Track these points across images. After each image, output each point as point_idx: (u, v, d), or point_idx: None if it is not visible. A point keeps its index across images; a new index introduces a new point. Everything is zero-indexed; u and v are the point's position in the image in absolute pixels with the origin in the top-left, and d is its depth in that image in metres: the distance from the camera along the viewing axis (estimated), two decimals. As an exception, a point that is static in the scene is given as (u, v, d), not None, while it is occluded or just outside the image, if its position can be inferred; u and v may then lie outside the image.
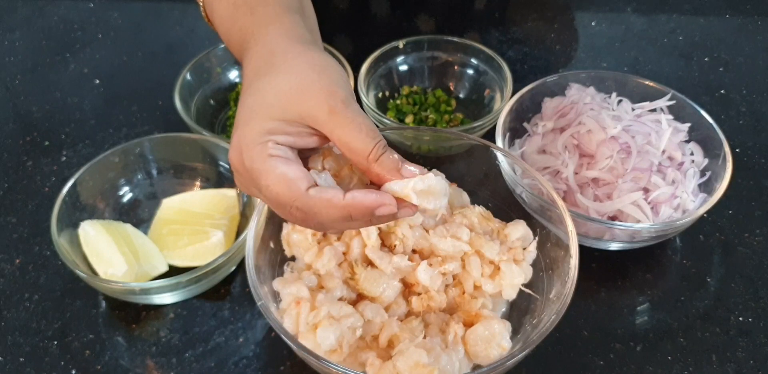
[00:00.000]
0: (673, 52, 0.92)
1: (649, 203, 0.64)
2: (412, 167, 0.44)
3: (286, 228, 0.56)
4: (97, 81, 0.89)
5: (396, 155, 0.44)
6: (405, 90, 0.85)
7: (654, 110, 0.73)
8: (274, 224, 0.57)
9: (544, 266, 0.57)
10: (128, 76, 0.90)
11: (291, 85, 0.44)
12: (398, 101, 0.84)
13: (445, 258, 0.53)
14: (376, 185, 0.46)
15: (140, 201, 0.72)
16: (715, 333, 0.63)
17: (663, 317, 0.64)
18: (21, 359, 0.62)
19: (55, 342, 0.63)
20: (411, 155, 0.70)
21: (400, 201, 0.44)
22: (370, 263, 0.54)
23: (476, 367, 0.51)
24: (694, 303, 0.65)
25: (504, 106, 0.72)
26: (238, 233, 0.68)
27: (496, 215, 0.58)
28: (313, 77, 0.44)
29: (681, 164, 0.69)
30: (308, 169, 0.45)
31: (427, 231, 0.54)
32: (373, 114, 0.76)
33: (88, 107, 0.86)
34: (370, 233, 0.53)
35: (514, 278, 0.53)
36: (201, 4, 0.58)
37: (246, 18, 0.51)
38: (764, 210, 0.73)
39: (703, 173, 0.69)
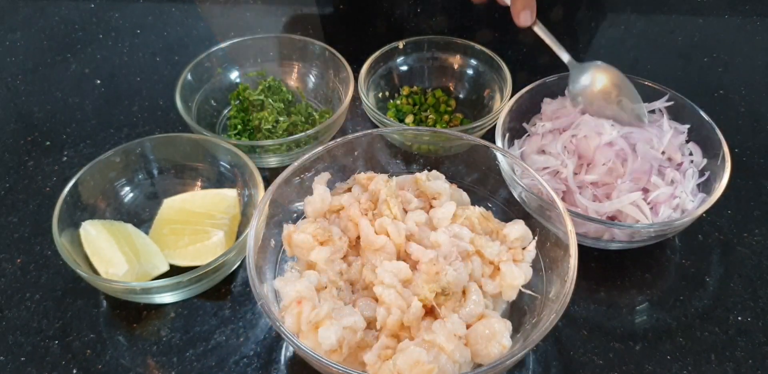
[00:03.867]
0: (673, 52, 0.93)
1: (648, 203, 0.64)
2: None
3: (287, 228, 0.57)
4: (98, 81, 0.89)
5: None
6: (405, 90, 0.85)
7: (653, 111, 0.73)
8: (274, 224, 0.57)
9: (544, 266, 0.58)
10: (129, 76, 0.90)
11: None
12: (398, 101, 0.84)
13: (446, 258, 0.54)
14: None
15: (141, 201, 0.72)
16: (714, 333, 0.63)
17: (662, 316, 0.64)
18: (22, 358, 0.62)
19: (56, 342, 0.63)
20: (411, 155, 0.70)
21: None
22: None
23: (476, 366, 0.51)
24: (693, 302, 0.65)
25: (504, 106, 0.72)
26: (239, 233, 0.68)
27: (496, 215, 0.58)
28: None
29: (680, 164, 0.69)
30: None
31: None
32: (373, 114, 0.76)
33: (89, 107, 0.86)
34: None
35: (514, 280, 0.53)
36: None
37: None
38: (763, 210, 0.73)
39: (702, 173, 0.69)
